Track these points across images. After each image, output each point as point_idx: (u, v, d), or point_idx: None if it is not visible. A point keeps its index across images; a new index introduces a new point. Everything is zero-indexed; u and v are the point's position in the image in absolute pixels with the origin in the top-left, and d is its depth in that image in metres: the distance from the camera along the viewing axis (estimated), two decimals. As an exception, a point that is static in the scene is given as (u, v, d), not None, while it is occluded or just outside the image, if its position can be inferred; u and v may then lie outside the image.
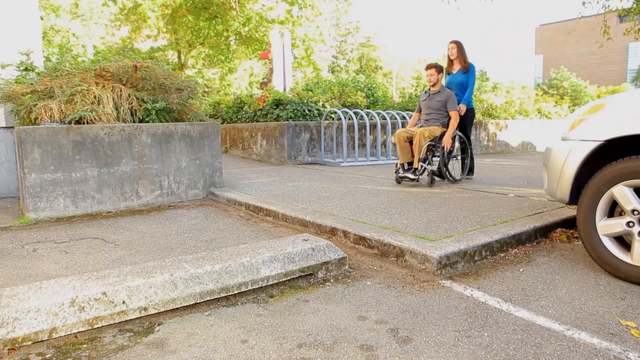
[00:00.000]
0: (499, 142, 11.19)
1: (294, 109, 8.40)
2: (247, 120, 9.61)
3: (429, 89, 5.70)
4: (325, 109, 8.53)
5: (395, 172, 5.63)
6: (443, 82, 5.91)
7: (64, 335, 2.00)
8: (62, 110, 4.61)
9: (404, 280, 2.63)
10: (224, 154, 10.05)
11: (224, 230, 3.88)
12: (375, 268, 2.84)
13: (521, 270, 2.79)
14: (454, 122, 5.48)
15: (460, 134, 5.83)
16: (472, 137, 10.74)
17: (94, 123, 4.75)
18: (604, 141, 2.75)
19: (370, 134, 8.82)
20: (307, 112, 8.47)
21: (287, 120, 8.39)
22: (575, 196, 2.92)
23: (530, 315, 2.18)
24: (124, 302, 2.07)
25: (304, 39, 23.72)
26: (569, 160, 2.89)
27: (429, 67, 5.63)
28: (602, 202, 2.72)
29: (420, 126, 5.67)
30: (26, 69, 5.24)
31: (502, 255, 3.04)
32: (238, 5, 21.48)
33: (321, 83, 9.87)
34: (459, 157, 6.06)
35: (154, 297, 2.14)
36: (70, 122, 4.61)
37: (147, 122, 5.11)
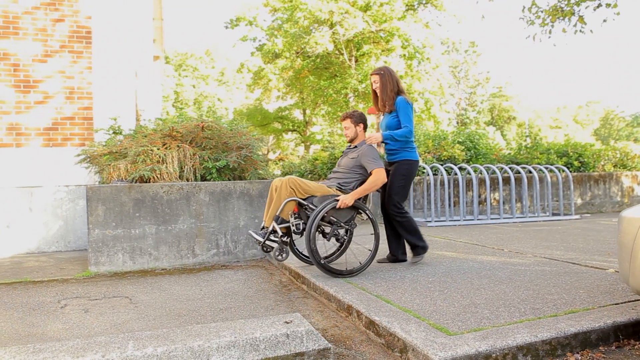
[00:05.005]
0: (638, 197, 9.35)
1: (381, 165, 7.99)
2: (340, 176, 9.42)
3: (349, 145, 4.22)
4: (417, 164, 7.97)
5: None
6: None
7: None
8: (127, 169, 4.88)
9: (392, 387, 2.05)
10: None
11: (248, 298, 3.59)
12: (369, 364, 2.28)
13: (568, 388, 2.01)
14: (373, 179, 3.80)
15: (366, 209, 3.88)
16: (599, 192, 9.13)
17: (157, 181, 4.93)
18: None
19: (467, 191, 7.99)
20: (396, 167, 7.99)
21: (375, 176, 7.99)
22: (657, 287, 2.08)
23: None
24: (39, 385, 1.87)
25: (422, 93, 23.39)
26: (644, 236, 2.08)
27: (343, 117, 4.14)
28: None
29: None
30: (114, 132, 5.74)
31: (551, 362, 2.25)
32: (355, 63, 22.14)
33: (417, 137, 9.35)
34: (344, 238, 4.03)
35: (77, 382, 1.91)
36: (133, 181, 4.84)
37: (209, 180, 5.17)
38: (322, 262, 3.66)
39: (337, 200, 3.71)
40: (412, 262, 4.20)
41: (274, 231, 3.69)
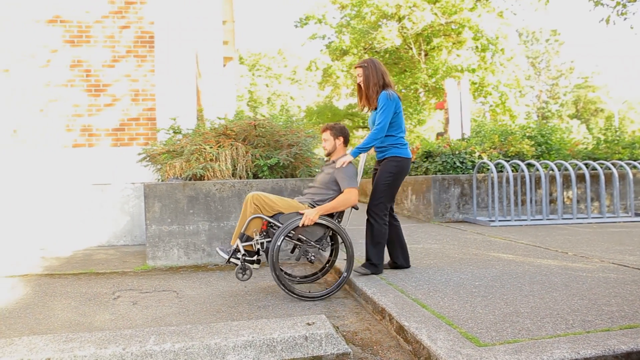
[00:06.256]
0: None
1: (443, 161, 7.70)
2: (401, 174, 9.21)
3: (327, 160, 3.95)
4: (482, 160, 7.59)
5: None
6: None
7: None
8: (182, 167, 5.07)
9: (409, 399, 1.93)
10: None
11: (289, 297, 3.58)
12: (390, 372, 2.18)
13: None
14: (343, 198, 3.51)
15: (338, 230, 3.51)
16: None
17: (210, 179, 5.08)
18: None
19: (536, 189, 7.47)
20: (458, 164, 7.66)
21: (435, 174, 7.72)
22: None
23: None
24: (64, 374, 1.97)
25: (496, 86, 22.27)
26: None
27: (323, 129, 3.87)
28: None
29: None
30: (174, 132, 5.98)
31: (595, 382, 2.01)
32: (425, 57, 21.55)
33: (484, 132, 8.89)
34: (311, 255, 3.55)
35: (98, 373, 1.99)
36: (187, 179, 5.01)
37: (260, 178, 5.24)
38: (283, 282, 3.46)
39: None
40: (359, 274, 3.78)
41: (238, 250, 3.54)
